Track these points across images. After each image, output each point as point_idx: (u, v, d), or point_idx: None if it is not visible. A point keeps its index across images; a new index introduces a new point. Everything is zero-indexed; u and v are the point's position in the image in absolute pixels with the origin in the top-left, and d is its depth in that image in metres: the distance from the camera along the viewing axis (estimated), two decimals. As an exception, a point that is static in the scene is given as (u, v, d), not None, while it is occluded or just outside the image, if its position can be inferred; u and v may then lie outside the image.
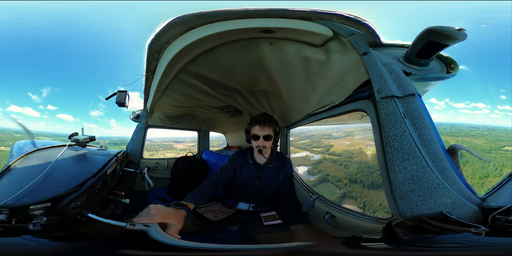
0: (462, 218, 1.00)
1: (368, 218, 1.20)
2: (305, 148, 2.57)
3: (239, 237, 1.53)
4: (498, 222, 1.00)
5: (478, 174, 1.44)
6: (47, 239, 1.05)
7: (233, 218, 1.72)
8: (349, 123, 1.72)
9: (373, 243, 1.10)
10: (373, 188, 1.48)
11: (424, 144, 1.05)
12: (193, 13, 1.21)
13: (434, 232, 0.98)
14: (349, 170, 1.83)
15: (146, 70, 1.79)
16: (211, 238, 1.45)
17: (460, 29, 1.06)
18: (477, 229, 0.92)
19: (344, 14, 1.15)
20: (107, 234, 1.13)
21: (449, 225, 0.96)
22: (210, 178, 1.86)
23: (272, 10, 1.17)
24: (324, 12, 1.15)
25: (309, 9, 1.14)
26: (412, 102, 1.10)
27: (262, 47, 1.33)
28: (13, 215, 1.04)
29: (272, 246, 1.13)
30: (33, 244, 1.01)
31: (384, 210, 1.28)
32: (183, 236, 1.12)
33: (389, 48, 1.26)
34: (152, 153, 2.92)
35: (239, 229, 1.60)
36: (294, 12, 1.16)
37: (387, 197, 1.04)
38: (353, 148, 1.83)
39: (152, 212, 1.17)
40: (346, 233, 1.30)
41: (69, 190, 1.18)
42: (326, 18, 1.17)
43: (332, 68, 1.27)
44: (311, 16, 1.16)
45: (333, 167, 2.07)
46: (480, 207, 1.05)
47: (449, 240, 0.97)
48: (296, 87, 1.62)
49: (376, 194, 1.45)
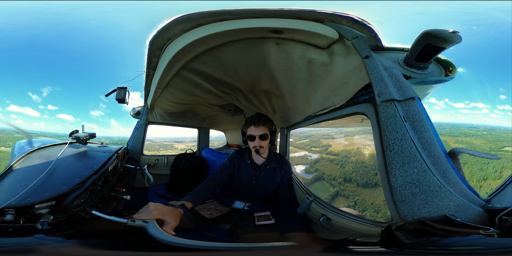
0: (467, 220, 0.99)
1: (367, 221, 1.20)
2: (303, 147, 2.59)
3: (228, 235, 1.54)
4: (506, 223, 0.99)
5: (476, 177, 1.45)
6: (61, 237, 1.06)
7: (227, 217, 1.73)
8: (350, 126, 1.73)
9: (366, 247, 1.10)
10: (367, 187, 1.51)
11: (424, 147, 1.05)
12: (206, 11, 1.21)
13: (440, 235, 0.97)
14: (345, 169, 1.85)
15: (146, 67, 1.78)
16: (203, 236, 1.46)
17: (454, 31, 1.06)
18: (486, 231, 0.91)
19: (354, 17, 1.15)
20: (110, 230, 1.15)
21: (455, 227, 0.95)
22: (210, 177, 1.87)
23: (284, 11, 1.17)
24: (336, 14, 1.15)
25: (322, 10, 1.14)
26: (412, 106, 1.10)
27: (268, 47, 1.33)
28: (20, 215, 1.05)
29: (255, 245, 1.14)
30: (49, 243, 1.02)
31: (373, 209, 1.30)
32: (178, 233, 1.14)
33: (390, 52, 1.26)
34: (154, 153, 2.94)
35: (230, 227, 1.62)
36: (309, 13, 1.16)
37: (387, 200, 1.04)
38: (351, 148, 1.85)
39: (150, 208, 1.21)
40: (339, 236, 1.30)
41: (72, 188, 1.19)
42: (337, 21, 1.17)
43: (335, 70, 1.28)
44: (324, 18, 1.16)
45: (330, 166, 2.09)
46: (485, 209, 1.04)
47: (459, 243, 0.97)
48: (298, 88, 1.62)
49: (369, 193, 1.48)
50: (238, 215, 1.77)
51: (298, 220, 1.62)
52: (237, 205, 1.86)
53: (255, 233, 1.55)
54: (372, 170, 1.62)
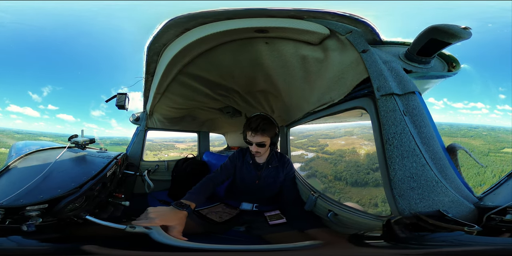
0: (458, 216, 1.00)
1: (369, 215, 1.20)
2: (301, 147, 2.58)
3: (246, 237, 1.53)
4: (493, 222, 1.01)
5: (472, 182, 1.41)
6: (35, 241, 1.03)
7: (238, 219, 1.71)
8: (349, 121, 1.72)
9: (374, 241, 1.10)
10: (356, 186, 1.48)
11: (423, 142, 1.05)
12: (184, 15, 1.21)
13: (429, 230, 0.98)
14: (337, 168, 1.82)
15: (145, 73, 1.79)
16: (218, 239, 1.44)
17: (465, 27, 1.06)
18: (470, 228, 0.92)
19: (338, 12, 1.15)
20: (105, 236, 1.12)
21: (444, 223, 0.96)
22: (210, 175, 1.85)
23: (262, 10, 1.17)
24: (316, 10, 1.15)
25: (300, 8, 1.14)
26: (412, 100, 1.10)
27: (258, 47, 1.33)
28: (8, 215, 1.03)
29: (282, 246, 1.13)
30: (16, 246, 0.99)
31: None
32: (189, 238, 1.12)
33: (389, 46, 1.25)
34: (156, 153, 2.93)
35: (246, 229, 1.59)
36: (285, 11, 1.16)
37: (386, 194, 1.03)
38: (346, 148, 1.85)
39: (151, 215, 1.16)
40: (349, 231, 1.30)
41: (67, 192, 1.17)
42: (318, 16, 1.17)
43: (331, 66, 1.27)
44: (302, 14, 1.16)
45: (323, 165, 2.07)
46: (476, 206, 1.06)
47: (441, 238, 0.97)
48: (295, 86, 1.61)
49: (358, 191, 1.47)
50: (248, 216, 1.74)
51: (307, 217, 1.61)
52: (245, 206, 1.84)
53: (274, 232, 1.52)
54: (365, 168, 1.63)
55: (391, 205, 1.02)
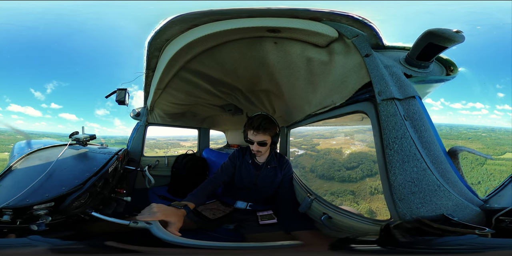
0: (464, 220, 0.99)
1: (366, 220, 1.21)
2: (295, 145, 2.70)
3: (233, 235, 1.54)
4: (503, 224, 1.00)
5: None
6: (58, 239, 1.06)
7: (231, 217, 1.73)
8: (349, 125, 1.74)
9: (366, 245, 1.10)
10: (323, 179, 1.61)
11: (424, 146, 1.05)
12: (198, 11, 1.20)
13: (436, 234, 0.97)
14: (316, 163, 1.99)
15: (146, 68, 1.77)
16: (207, 236, 1.46)
17: (457, 31, 1.06)
18: (482, 231, 0.91)
19: (354, 15, 1.15)
20: (111, 232, 1.15)
21: (451, 227, 0.96)
22: (211, 177, 1.87)
23: (281, 10, 1.16)
24: (335, 12, 1.15)
25: (319, 9, 1.13)
26: (412, 105, 1.11)
27: (266, 46, 1.33)
28: (17, 215, 1.04)
29: (260, 245, 1.14)
30: (43, 244, 1.01)
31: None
32: (182, 233, 1.15)
33: (391, 50, 1.26)
34: (166, 151, 2.98)
35: (235, 227, 1.61)
36: (305, 12, 1.15)
37: (386, 199, 1.04)
38: (334, 147, 1.91)
39: (154, 210, 1.20)
40: (340, 235, 1.30)
41: (72, 189, 1.18)
42: (336, 19, 1.16)
43: (334, 69, 1.28)
44: (322, 16, 1.16)
45: (307, 160, 2.24)
46: (482, 209, 1.05)
47: (453, 242, 0.97)
48: (298, 87, 1.62)
49: (321, 183, 1.60)
50: (241, 215, 1.77)
51: (300, 219, 1.62)
52: (239, 205, 1.86)
53: (260, 232, 1.55)
54: (338, 166, 1.75)
55: (391, 210, 1.02)
